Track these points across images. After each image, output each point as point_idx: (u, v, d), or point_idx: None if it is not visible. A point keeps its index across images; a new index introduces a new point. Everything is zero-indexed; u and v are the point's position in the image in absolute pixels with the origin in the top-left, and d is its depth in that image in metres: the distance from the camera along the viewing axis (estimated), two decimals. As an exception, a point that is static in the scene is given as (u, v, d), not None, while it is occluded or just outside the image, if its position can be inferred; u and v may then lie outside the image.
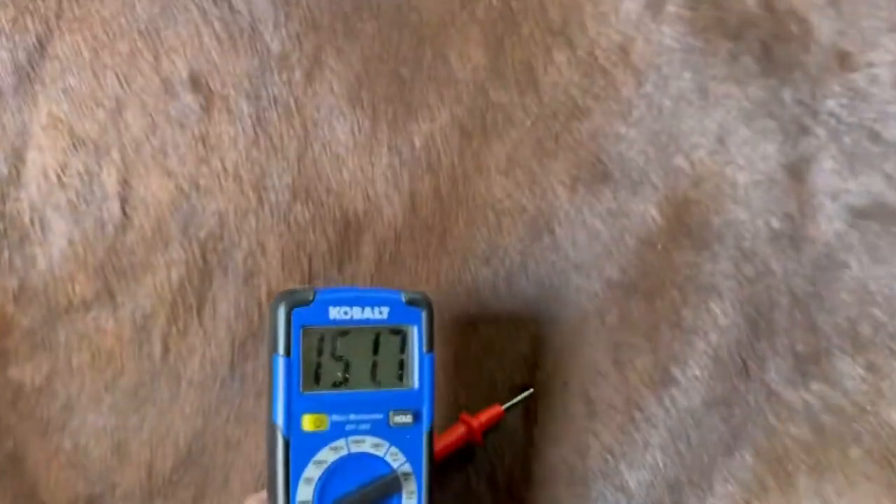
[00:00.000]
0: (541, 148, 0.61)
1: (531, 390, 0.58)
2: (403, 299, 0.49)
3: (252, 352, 0.58)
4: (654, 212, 0.60)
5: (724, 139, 0.60)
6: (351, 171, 0.60)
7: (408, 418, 0.48)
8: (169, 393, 0.58)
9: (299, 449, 0.46)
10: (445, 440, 0.56)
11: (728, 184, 0.60)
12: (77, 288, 0.58)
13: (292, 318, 0.47)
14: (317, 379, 0.48)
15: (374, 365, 0.49)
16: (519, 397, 0.58)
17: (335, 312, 0.47)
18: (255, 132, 0.59)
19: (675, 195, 0.60)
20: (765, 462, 0.56)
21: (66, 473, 0.59)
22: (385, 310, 0.49)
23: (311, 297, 0.47)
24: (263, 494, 0.50)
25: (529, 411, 0.58)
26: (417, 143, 0.61)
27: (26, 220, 0.58)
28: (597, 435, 0.57)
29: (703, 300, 0.58)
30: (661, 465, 0.56)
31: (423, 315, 0.50)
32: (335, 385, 0.48)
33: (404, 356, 0.49)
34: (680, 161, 0.60)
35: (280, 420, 0.46)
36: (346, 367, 0.48)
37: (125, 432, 0.59)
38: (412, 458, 0.48)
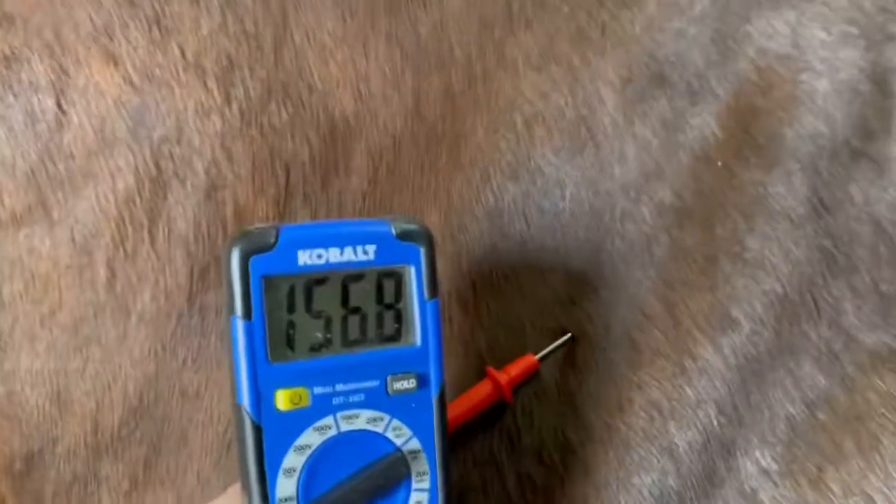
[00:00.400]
0: (583, 39, 0.49)
1: (569, 335, 0.47)
2: (394, 232, 0.39)
3: (215, 280, 0.46)
4: (714, 124, 0.48)
5: (798, 42, 0.49)
6: (340, 64, 0.48)
7: (411, 383, 0.38)
8: (115, 331, 0.48)
9: (275, 434, 0.37)
10: (468, 402, 0.45)
11: (803, 92, 0.48)
12: (6, 199, 0.48)
13: (250, 268, 0.36)
14: (289, 343, 0.38)
15: (363, 319, 0.39)
16: (554, 344, 0.46)
17: (305, 256, 0.37)
18: (223, 13, 0.47)
19: (739, 104, 0.48)
20: (842, 421, 0.45)
21: (1, 425, 0.49)
22: (371, 248, 0.38)
23: (272, 240, 0.37)
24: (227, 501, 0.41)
25: (564, 361, 0.47)
26: (423, 32, 0.49)
27: (-55, 117, 0.48)
28: (641, 388, 0.46)
29: (772, 227, 0.47)
30: (715, 424, 0.45)
31: (422, 252, 0.39)
32: (314, 349, 0.38)
33: (401, 306, 0.39)
34: (746, 66, 0.49)
35: (246, 400, 0.36)
36: (327, 325, 0.38)
37: (66, 377, 0.48)
38: (420, 431, 0.39)
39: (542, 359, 0.46)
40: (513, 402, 0.46)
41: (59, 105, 0.47)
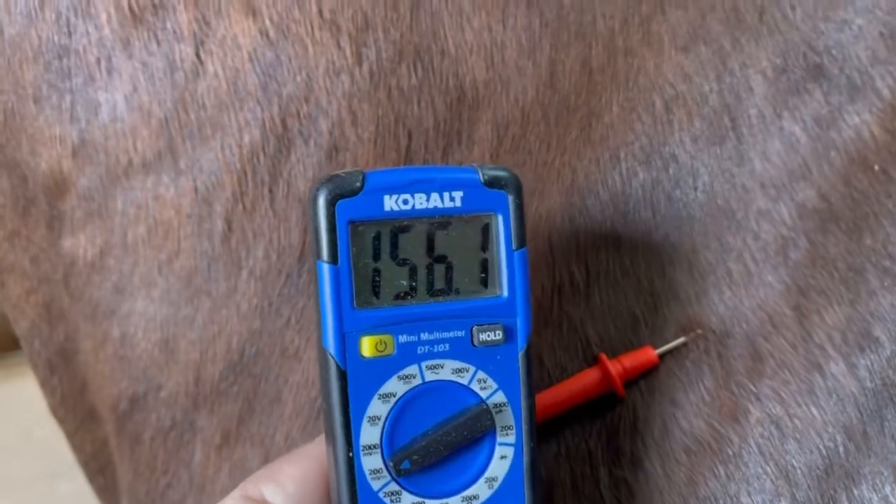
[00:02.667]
0: (738, 22, 0.44)
1: (699, 331, 0.42)
2: (481, 179, 0.36)
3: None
4: (874, 124, 0.42)
5: None
6: (475, 30, 0.45)
7: (497, 335, 0.36)
8: (226, 284, 0.46)
9: (359, 380, 0.36)
10: (572, 388, 0.41)
11: None
12: (139, 145, 0.47)
13: (336, 212, 0.35)
14: (375, 290, 0.36)
15: (449, 268, 0.37)
16: (680, 340, 0.41)
17: (392, 202, 0.36)
18: None
19: None
20: None
21: (111, 366, 0.49)
22: (458, 195, 0.36)
23: (358, 184, 0.35)
24: (313, 449, 0.38)
25: (679, 359, 0.42)
26: (566, 0, 0.46)
27: (92, 58, 0.48)
28: (761, 400, 0.40)
29: None
30: (841, 450, 0.39)
31: (510, 199, 0.37)
32: (399, 297, 0.36)
33: (487, 255, 0.37)
34: None
35: (332, 345, 0.35)
36: (412, 273, 0.36)
37: (175, 325, 0.47)
38: (505, 384, 0.37)
39: (663, 355, 0.42)
40: (624, 396, 0.42)
41: (197, 55, 0.46)
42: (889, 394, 0.39)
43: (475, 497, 0.36)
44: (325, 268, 0.35)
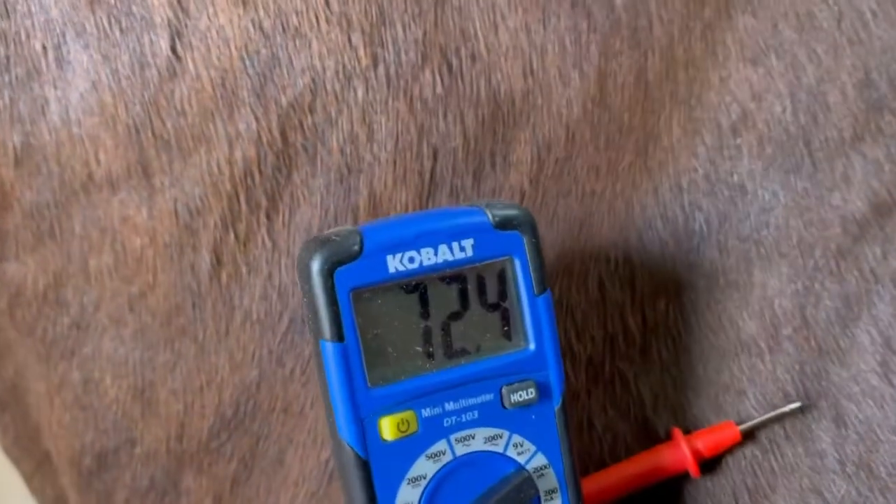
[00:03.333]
0: (813, 30, 0.38)
1: (798, 405, 0.37)
2: (491, 221, 0.33)
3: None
4: None
5: None
6: (511, 30, 0.38)
7: (530, 393, 0.33)
8: (215, 327, 0.39)
9: (384, 468, 0.32)
10: (643, 465, 0.36)
11: None
12: (101, 156, 0.39)
13: (336, 282, 0.32)
14: (388, 363, 0.33)
15: (467, 325, 0.34)
16: (772, 414, 0.37)
17: (396, 262, 0.32)
18: None
19: None
20: None
21: (72, 415, 0.41)
22: (468, 243, 0.33)
23: (356, 247, 0.32)
24: None
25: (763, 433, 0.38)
26: (619, 1, 0.39)
27: (37, 46, 0.39)
28: (844, 464, 0.36)
29: None
30: None
31: (525, 240, 0.34)
32: (416, 366, 0.33)
33: (507, 304, 0.34)
34: None
35: (348, 433, 0.32)
36: (427, 337, 0.33)
37: (152, 372, 0.40)
38: (545, 445, 0.34)
39: (748, 432, 0.37)
40: (699, 476, 0.37)
41: (173, 49, 0.38)
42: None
43: None
44: (330, 347, 0.32)
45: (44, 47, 0.39)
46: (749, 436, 0.37)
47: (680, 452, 0.36)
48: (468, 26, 0.38)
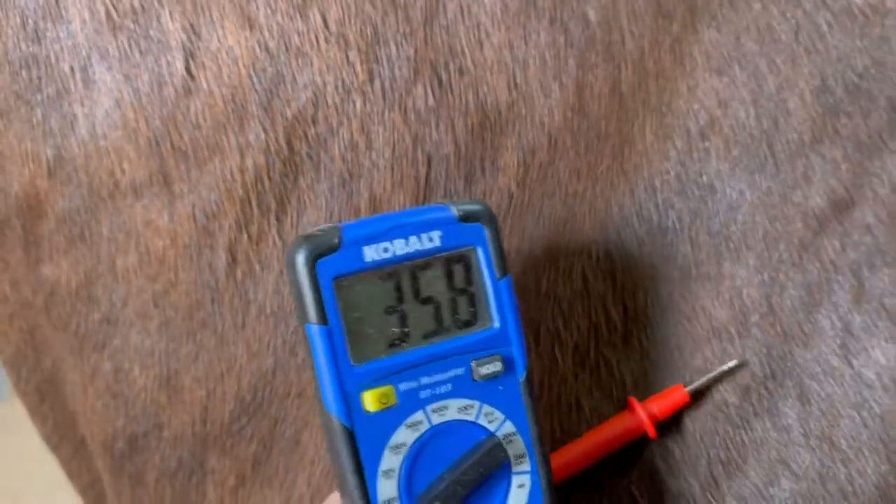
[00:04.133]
0: (773, 42, 0.41)
1: (735, 362, 0.40)
2: (456, 215, 0.36)
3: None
4: None
5: None
6: (495, 47, 0.41)
7: (496, 366, 0.36)
8: (233, 319, 0.42)
9: (368, 437, 0.35)
10: (606, 433, 0.39)
11: None
12: (125, 166, 0.42)
13: (318, 271, 0.34)
14: (368, 343, 0.35)
15: (438, 308, 0.36)
16: (714, 373, 0.40)
17: (372, 252, 0.35)
18: None
19: None
20: None
21: (104, 403, 0.45)
22: (436, 234, 0.36)
23: (336, 240, 0.34)
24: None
25: (719, 389, 0.40)
26: (593, 17, 0.41)
27: (66, 67, 0.42)
28: (809, 438, 0.39)
29: None
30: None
31: (486, 231, 0.36)
32: (393, 345, 0.35)
33: (473, 289, 0.36)
34: None
35: (334, 406, 0.34)
36: (403, 319, 0.36)
37: (177, 361, 0.43)
38: (512, 414, 0.36)
39: (695, 393, 0.40)
40: (656, 439, 0.40)
41: (187, 69, 0.41)
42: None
43: None
44: (316, 329, 0.34)
45: (71, 69, 0.42)
46: (697, 396, 0.40)
47: (637, 417, 0.39)
48: (455, 43, 0.41)
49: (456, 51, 0.41)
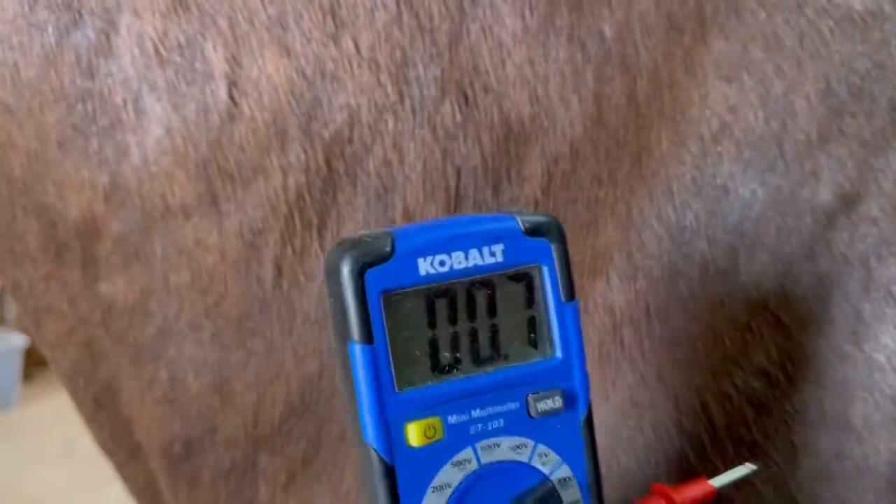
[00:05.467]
0: (778, 49, 0.43)
1: (753, 468, 0.37)
2: (522, 227, 0.32)
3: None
4: None
5: None
6: (517, 64, 0.43)
7: (556, 402, 0.31)
8: (280, 327, 0.44)
9: (409, 474, 0.30)
10: None
11: None
12: (175, 189, 0.44)
13: (366, 283, 0.30)
14: (416, 368, 0.31)
15: (495, 331, 0.32)
16: (736, 474, 0.37)
17: (427, 265, 0.30)
18: (398, 7, 0.43)
19: None
20: None
21: (161, 409, 0.47)
22: (498, 248, 0.31)
23: (388, 248, 0.30)
24: None
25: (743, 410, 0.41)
26: (609, 33, 0.43)
27: (118, 100, 0.44)
28: (826, 424, 0.40)
29: None
30: None
31: (554, 248, 0.32)
32: (443, 371, 0.31)
33: (534, 312, 0.32)
34: None
35: (373, 437, 0.30)
36: (455, 343, 0.31)
37: (228, 369, 0.45)
38: (569, 456, 0.32)
39: (722, 489, 0.37)
40: None
41: (230, 96, 0.43)
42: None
43: None
44: (359, 349, 0.30)
45: (124, 101, 0.44)
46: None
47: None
48: (479, 63, 0.43)
49: (480, 70, 0.43)
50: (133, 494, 0.54)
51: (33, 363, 2.55)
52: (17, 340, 2.51)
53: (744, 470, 0.37)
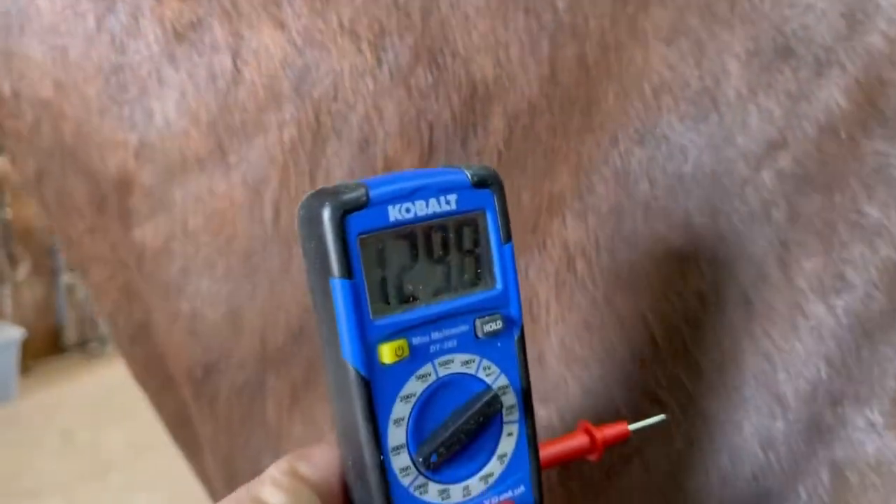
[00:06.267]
0: (711, 15, 0.47)
1: (663, 416, 0.42)
2: (470, 179, 0.36)
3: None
4: (839, 96, 0.45)
5: None
6: (481, 33, 0.47)
7: (497, 324, 0.36)
8: (280, 261, 0.50)
9: (382, 387, 0.35)
10: (558, 449, 0.40)
11: None
12: (191, 145, 0.51)
13: (347, 227, 0.33)
14: (386, 298, 0.35)
15: (448, 268, 0.36)
16: (648, 421, 0.43)
17: (396, 212, 0.34)
18: None
19: (868, 77, 0.45)
20: None
21: (185, 339, 0.54)
22: (452, 197, 0.35)
23: (365, 198, 0.34)
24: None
25: (681, 318, 0.46)
26: (560, 5, 0.47)
27: (144, 72, 0.51)
28: (754, 338, 0.44)
29: (892, 197, 0.45)
30: (824, 376, 0.44)
31: (496, 197, 0.36)
32: (408, 301, 0.35)
33: (480, 251, 0.36)
34: (876, 38, 0.45)
35: (352, 357, 0.34)
36: (417, 277, 0.36)
37: (238, 300, 0.52)
38: (506, 369, 0.37)
39: (635, 431, 0.42)
40: (599, 461, 0.42)
41: (234, 64, 0.50)
42: (863, 328, 0.44)
43: (490, 475, 0.37)
44: (340, 284, 0.33)
45: (149, 73, 0.51)
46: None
47: (592, 441, 0.41)
48: (448, 32, 0.48)
49: (449, 38, 0.48)
50: (164, 420, 0.61)
51: (31, 356, 2.55)
52: (15, 333, 2.50)
53: (657, 418, 0.43)
